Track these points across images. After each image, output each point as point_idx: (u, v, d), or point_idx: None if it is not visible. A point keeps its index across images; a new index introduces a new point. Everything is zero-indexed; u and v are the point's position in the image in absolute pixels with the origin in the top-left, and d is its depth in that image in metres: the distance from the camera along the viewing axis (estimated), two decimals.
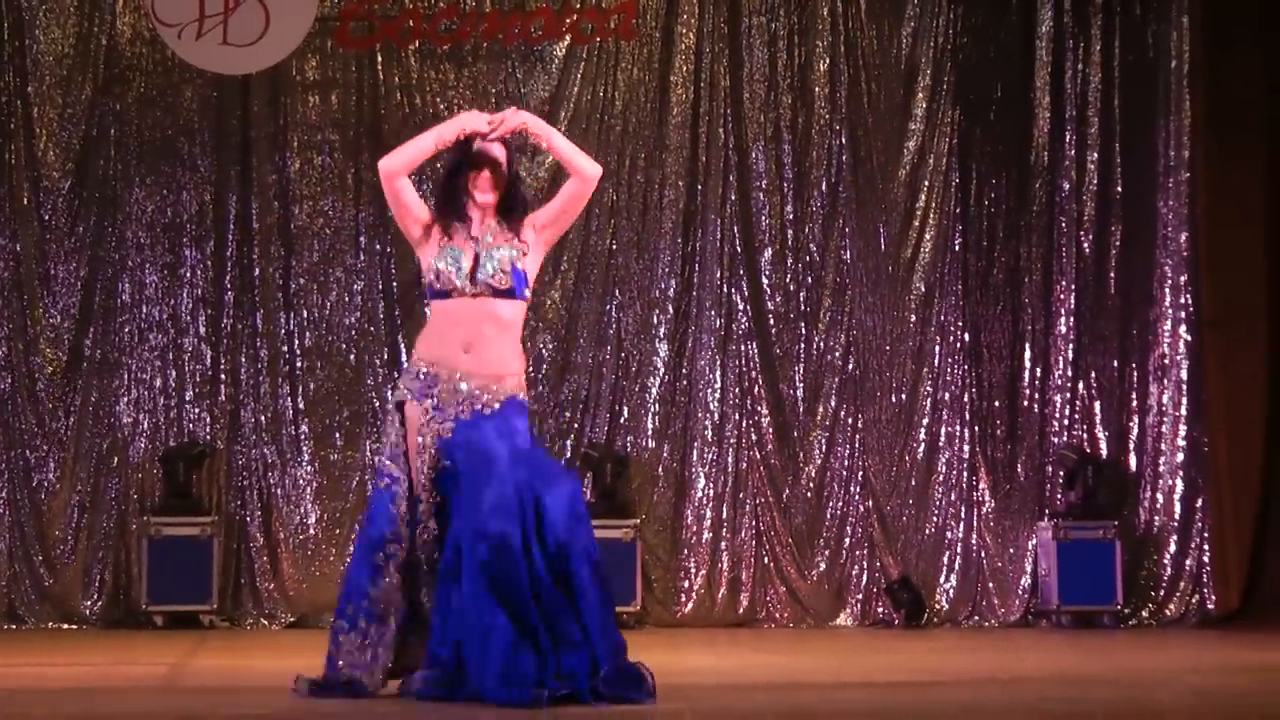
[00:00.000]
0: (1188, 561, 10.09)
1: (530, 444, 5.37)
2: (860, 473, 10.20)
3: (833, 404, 10.25)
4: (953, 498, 10.22)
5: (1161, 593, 10.08)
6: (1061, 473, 10.16)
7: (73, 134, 10.03)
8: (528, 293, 5.43)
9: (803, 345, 10.30)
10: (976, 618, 10.10)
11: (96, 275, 10.00)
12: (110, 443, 9.90)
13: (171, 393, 9.98)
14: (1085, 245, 10.38)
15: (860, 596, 10.10)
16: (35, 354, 9.93)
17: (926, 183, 10.38)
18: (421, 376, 5.33)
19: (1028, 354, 10.32)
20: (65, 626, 9.65)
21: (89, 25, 10.05)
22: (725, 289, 10.27)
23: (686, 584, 10.06)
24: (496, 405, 5.29)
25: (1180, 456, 10.18)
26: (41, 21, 10.02)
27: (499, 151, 5.45)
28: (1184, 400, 10.22)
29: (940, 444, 10.24)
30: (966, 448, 10.25)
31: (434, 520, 5.30)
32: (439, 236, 5.40)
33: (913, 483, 10.20)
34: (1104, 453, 10.22)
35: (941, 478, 10.23)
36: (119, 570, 9.79)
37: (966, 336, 10.34)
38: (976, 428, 10.26)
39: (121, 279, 10.02)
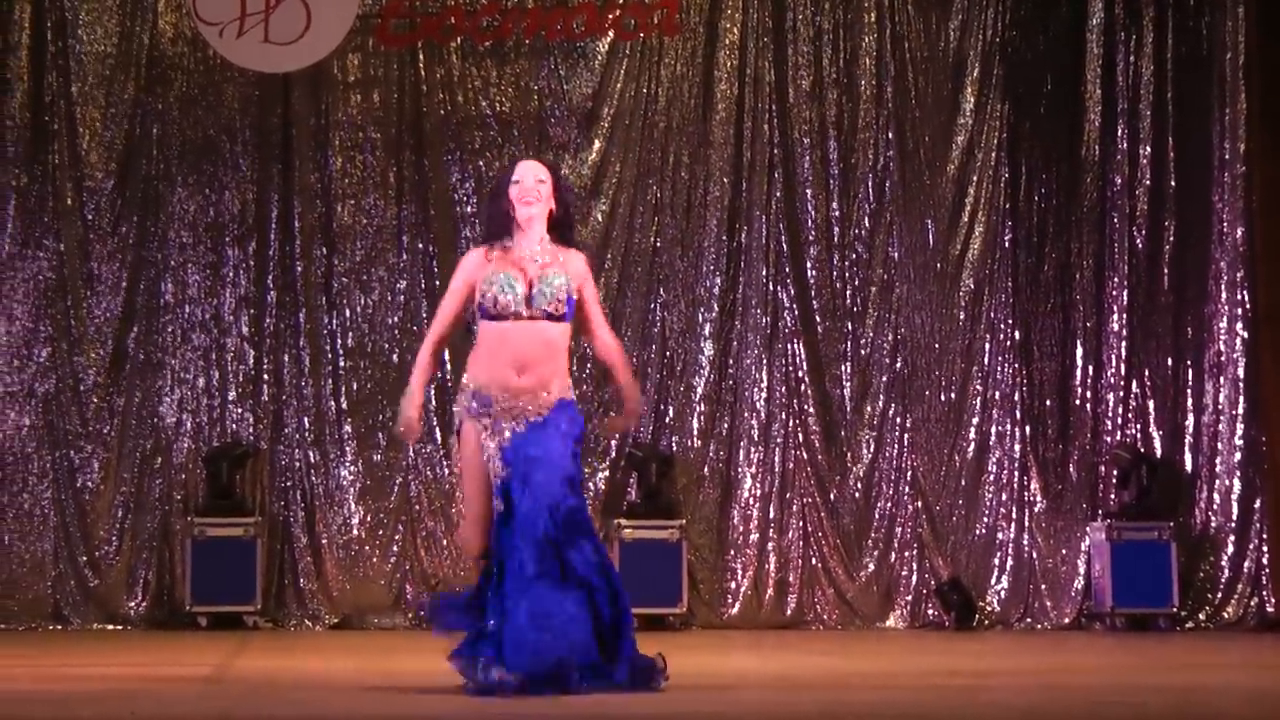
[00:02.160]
0: (1246, 563, 9.94)
1: (573, 449, 5.51)
2: (909, 472, 10.11)
3: (881, 403, 10.16)
4: (1004, 498, 10.12)
5: (1219, 595, 9.93)
6: (1115, 472, 10.05)
7: (115, 134, 10.07)
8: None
9: (850, 343, 10.21)
10: (1028, 620, 9.98)
11: (139, 275, 10.03)
12: (154, 443, 9.93)
13: (214, 393, 9.99)
14: (1138, 241, 10.26)
15: (910, 598, 10.01)
16: (79, 354, 9.96)
17: (975, 178, 10.28)
18: (476, 396, 5.52)
19: (1079, 352, 10.21)
20: (110, 627, 9.68)
21: (131, 25, 10.10)
22: (771, 286, 10.18)
23: (733, 585, 9.99)
24: (546, 411, 5.49)
25: (1237, 455, 10.03)
26: (84, 21, 10.07)
27: (540, 170, 5.61)
28: (1240, 398, 10.08)
29: (990, 443, 10.14)
30: (1017, 447, 10.14)
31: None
32: (485, 261, 5.55)
33: (963, 483, 10.11)
34: (1158, 452, 10.11)
35: (992, 477, 10.13)
36: (163, 571, 9.83)
37: (1017, 334, 10.24)
38: (1027, 427, 10.15)
39: (164, 279, 10.04)
